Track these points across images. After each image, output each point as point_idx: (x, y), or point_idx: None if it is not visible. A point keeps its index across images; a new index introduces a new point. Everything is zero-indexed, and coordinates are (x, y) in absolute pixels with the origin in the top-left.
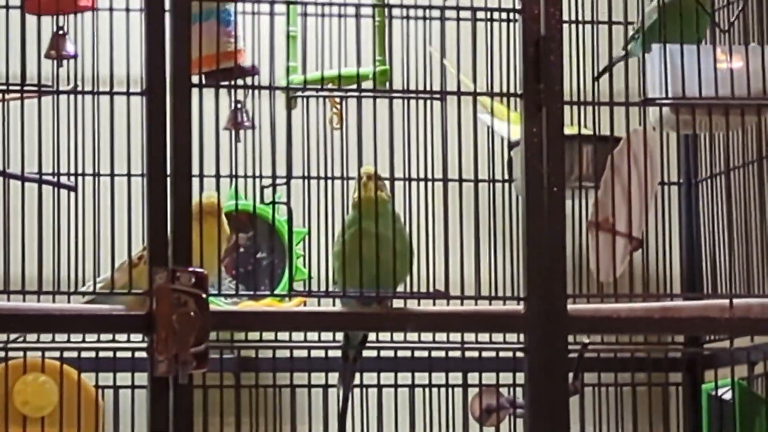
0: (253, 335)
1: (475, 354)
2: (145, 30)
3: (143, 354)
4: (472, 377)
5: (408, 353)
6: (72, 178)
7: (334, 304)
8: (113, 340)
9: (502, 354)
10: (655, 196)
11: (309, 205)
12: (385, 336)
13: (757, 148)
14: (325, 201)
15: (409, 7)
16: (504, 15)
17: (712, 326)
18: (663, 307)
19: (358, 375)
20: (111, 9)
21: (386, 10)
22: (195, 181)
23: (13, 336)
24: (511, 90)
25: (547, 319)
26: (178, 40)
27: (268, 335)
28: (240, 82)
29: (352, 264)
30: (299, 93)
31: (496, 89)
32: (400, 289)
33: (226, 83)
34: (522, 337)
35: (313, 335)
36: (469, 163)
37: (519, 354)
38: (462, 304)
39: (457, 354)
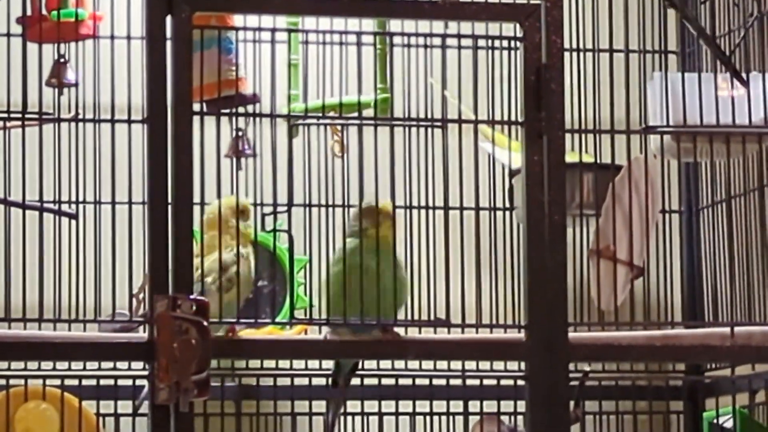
0: (255, 363)
1: (477, 382)
2: (146, 58)
3: (144, 382)
4: (474, 405)
5: (409, 381)
6: (73, 206)
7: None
8: (114, 368)
9: (503, 382)
10: (656, 224)
11: (310, 233)
12: (386, 364)
13: (758, 176)
14: (327, 229)
15: (410, 35)
16: (505, 43)
17: (713, 354)
18: (664, 334)
19: (359, 403)
20: (112, 37)
21: (387, 38)
22: (196, 209)
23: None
24: (513, 118)
25: (548, 347)
26: (180, 68)
27: (270, 363)
28: (241, 109)
29: (353, 296)
30: (300, 121)
31: (498, 117)
32: (401, 316)
33: (228, 111)
34: (523, 365)
35: (314, 363)
36: (470, 191)
37: (520, 382)
38: (463, 332)
39: (459, 382)
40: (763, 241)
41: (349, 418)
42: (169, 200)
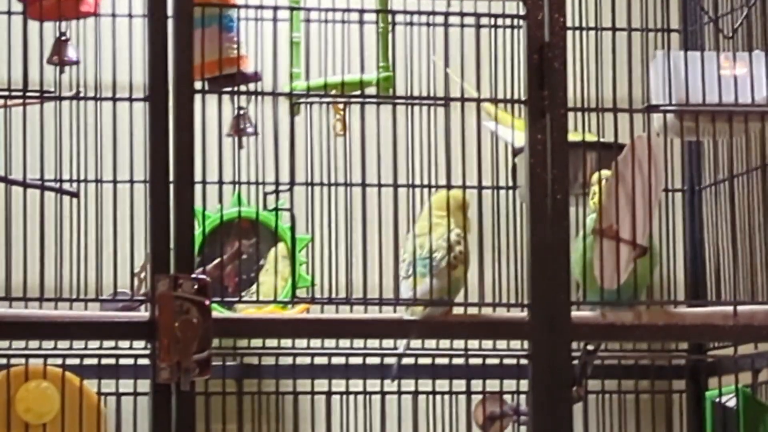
0: (256, 342)
1: (479, 361)
2: (147, 36)
3: (146, 361)
4: (476, 384)
5: (412, 360)
6: (74, 185)
7: (337, 311)
8: (116, 347)
9: (506, 361)
10: (659, 203)
11: (312, 212)
12: (388, 343)
13: (760, 154)
14: (329, 208)
15: (412, 13)
16: (508, 21)
17: (716, 333)
18: (667, 314)
19: (361, 382)
20: (113, 15)
21: (390, 16)
22: (198, 188)
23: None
24: (515, 96)
25: (551, 326)
26: (181, 46)
27: (271, 342)
28: (243, 88)
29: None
30: (302, 99)
31: (500, 96)
32: (403, 296)
33: (229, 89)
34: (526, 344)
35: (316, 342)
36: (472, 169)
37: (523, 361)
38: (466, 311)
39: (461, 361)
40: (766, 220)
41: (352, 397)
42: (171, 179)
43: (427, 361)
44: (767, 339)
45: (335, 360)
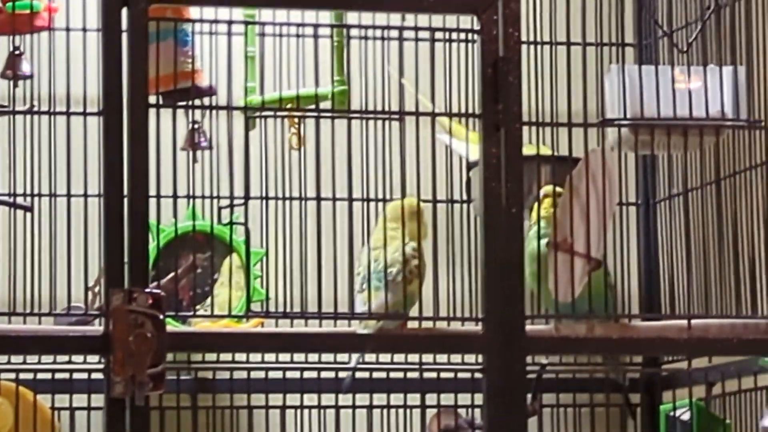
0: (211, 356)
1: (434, 375)
2: (102, 50)
3: (100, 375)
4: (431, 398)
5: (366, 374)
6: (28, 199)
7: (292, 325)
8: (70, 362)
9: (460, 375)
10: (613, 217)
11: (267, 226)
12: (343, 357)
13: (715, 168)
14: (283, 222)
15: (367, 27)
16: (462, 35)
17: (670, 347)
18: (621, 327)
19: (315, 396)
20: (68, 29)
21: (344, 30)
22: (152, 202)
23: None
24: (470, 110)
25: (505, 340)
26: (136, 60)
27: (226, 356)
28: (197, 102)
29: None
30: (257, 113)
31: (455, 109)
32: (357, 310)
33: (184, 103)
34: (480, 358)
35: (270, 356)
36: (427, 183)
37: (477, 375)
38: (420, 324)
39: (416, 375)
40: (720, 234)
41: (306, 411)
42: (125, 193)
43: (382, 374)
44: (721, 352)
45: (290, 374)
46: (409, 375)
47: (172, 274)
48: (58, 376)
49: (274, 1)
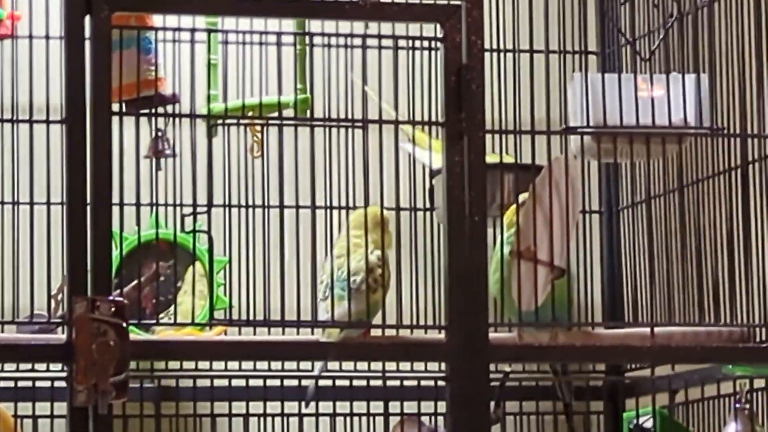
0: (174, 364)
1: (397, 383)
2: (65, 58)
3: (63, 383)
4: (394, 406)
5: (329, 382)
6: None
7: (255, 333)
8: (32, 370)
9: (423, 383)
10: (576, 225)
11: (230, 234)
12: (306, 365)
13: (677, 176)
14: (246, 230)
15: (330, 35)
16: (426, 43)
17: (633, 354)
18: (585, 335)
19: (278, 404)
20: (31, 36)
21: (307, 38)
22: (115, 210)
23: None
24: (433, 118)
25: (468, 347)
26: (99, 68)
27: (189, 364)
28: (161, 110)
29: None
30: (220, 121)
31: (418, 117)
32: (321, 318)
33: (147, 111)
34: (444, 365)
35: (233, 364)
36: (390, 191)
37: (441, 383)
38: (383, 332)
39: (379, 383)
40: (683, 242)
41: (269, 419)
42: (88, 201)
43: (345, 383)
44: (684, 360)
45: (253, 382)
46: (372, 383)
47: (135, 282)
48: (20, 384)
49: (237, 9)
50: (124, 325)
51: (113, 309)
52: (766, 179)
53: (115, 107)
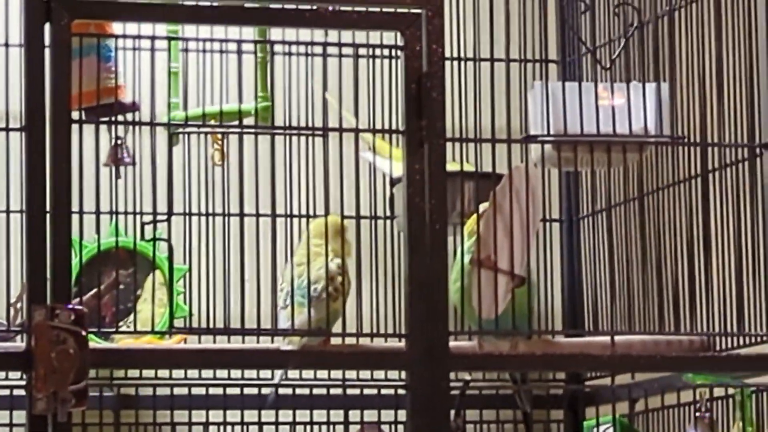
0: (133, 372)
1: (357, 391)
2: (24, 65)
3: (22, 392)
4: (354, 415)
5: (289, 390)
6: None
7: (215, 341)
8: None
9: (383, 391)
10: (536, 233)
11: (190, 242)
12: (266, 373)
13: (638, 185)
14: (206, 238)
15: (291, 43)
16: (386, 51)
17: (593, 363)
18: (545, 343)
19: (238, 412)
20: None
21: (268, 46)
22: (75, 218)
23: None
24: (394, 126)
25: (429, 356)
26: (58, 75)
27: (148, 372)
28: (120, 117)
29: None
30: (180, 129)
31: (379, 125)
32: (281, 326)
33: (107, 119)
34: (404, 374)
35: (193, 372)
36: (351, 199)
37: (401, 391)
38: (344, 341)
39: (339, 391)
40: (643, 250)
41: (229, 427)
42: (48, 208)
43: (305, 391)
44: (644, 369)
45: (213, 390)
46: (333, 391)
47: (94, 291)
48: None
49: (198, 17)
50: (84, 333)
51: (73, 317)
52: (726, 188)
53: (75, 115)
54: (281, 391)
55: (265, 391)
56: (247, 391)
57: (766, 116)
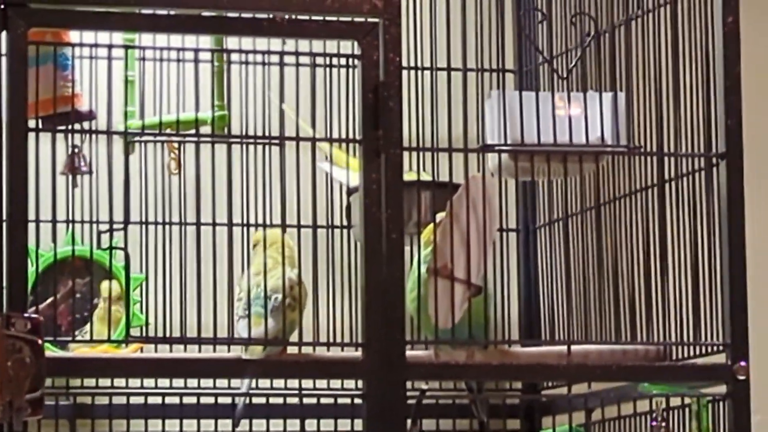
0: (89, 381)
1: (314, 401)
2: None
3: None
4: (310, 424)
5: (246, 399)
6: None
7: (171, 350)
8: None
9: (340, 400)
10: (493, 243)
11: (146, 251)
12: (222, 383)
13: (594, 194)
14: (163, 247)
15: (248, 52)
16: (343, 61)
17: (549, 373)
18: (501, 353)
19: (194, 421)
20: None
21: (225, 55)
22: (31, 226)
23: None
24: (351, 136)
25: (385, 365)
26: (15, 84)
27: (105, 381)
28: (77, 126)
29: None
30: (137, 138)
31: (336, 135)
32: (240, 335)
33: (63, 128)
34: (360, 383)
35: (149, 381)
36: (307, 208)
37: (357, 400)
38: (300, 350)
39: (295, 400)
40: (600, 260)
41: None
42: (4, 217)
43: (261, 400)
44: (601, 378)
45: (169, 399)
46: (289, 401)
47: (50, 299)
48: None
49: (155, 26)
50: (40, 341)
51: (29, 326)
52: (683, 198)
53: (32, 123)
54: (238, 400)
55: (222, 400)
56: (203, 400)
57: (722, 126)
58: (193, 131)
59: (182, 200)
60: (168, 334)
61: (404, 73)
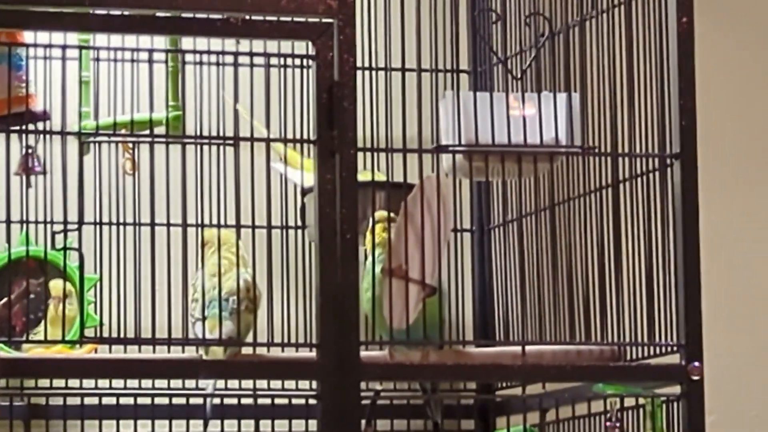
0: (44, 382)
1: (268, 401)
2: None
3: None
4: (265, 424)
5: (200, 400)
6: None
7: (125, 351)
8: None
9: (294, 401)
10: (448, 243)
11: (101, 252)
12: (176, 383)
13: (549, 195)
14: (117, 247)
15: (202, 53)
16: (297, 61)
17: (504, 373)
18: (456, 353)
19: (149, 422)
20: None
21: (179, 55)
22: None
23: None
24: (305, 136)
25: (340, 366)
26: None
27: (59, 382)
28: (31, 126)
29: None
30: (91, 138)
31: (290, 135)
32: (192, 336)
33: (17, 128)
34: (315, 384)
35: (104, 382)
36: (262, 209)
37: (312, 401)
38: (255, 350)
39: (250, 401)
40: (554, 260)
41: None
42: None
43: (216, 400)
44: (555, 379)
45: (124, 400)
46: (244, 401)
47: (4, 300)
48: None
49: (109, 26)
50: None
51: None
52: (637, 198)
53: None
54: (192, 400)
55: (176, 401)
56: (157, 401)
57: (676, 126)
58: (147, 132)
59: (137, 200)
60: (122, 335)
61: (359, 73)
